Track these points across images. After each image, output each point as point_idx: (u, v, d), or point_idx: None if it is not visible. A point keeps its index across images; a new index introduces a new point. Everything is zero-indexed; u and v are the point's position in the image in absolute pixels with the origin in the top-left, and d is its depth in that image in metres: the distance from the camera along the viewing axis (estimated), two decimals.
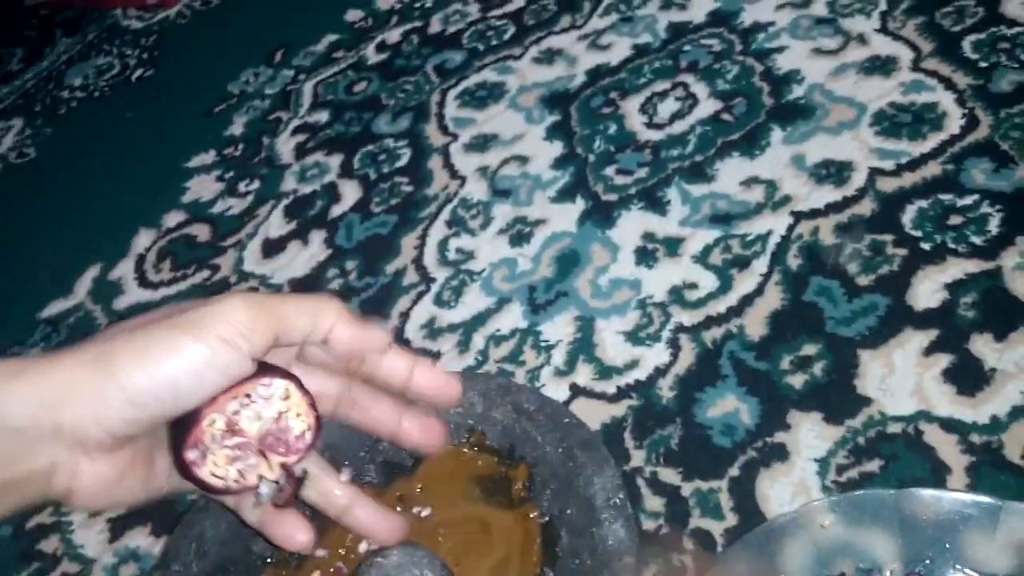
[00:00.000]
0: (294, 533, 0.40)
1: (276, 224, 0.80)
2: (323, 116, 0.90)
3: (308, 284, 0.73)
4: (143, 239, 0.84)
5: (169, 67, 1.09)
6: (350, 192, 0.80)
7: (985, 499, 0.45)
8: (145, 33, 1.16)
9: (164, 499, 0.38)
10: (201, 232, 0.82)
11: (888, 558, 0.45)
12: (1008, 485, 0.48)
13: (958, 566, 0.44)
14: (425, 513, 0.52)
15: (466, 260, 0.71)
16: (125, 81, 1.09)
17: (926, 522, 0.45)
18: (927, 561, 0.45)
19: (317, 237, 0.77)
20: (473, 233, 0.72)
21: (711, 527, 0.51)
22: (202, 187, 0.87)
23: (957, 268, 0.57)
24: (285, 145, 0.88)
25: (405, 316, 0.68)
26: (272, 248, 0.78)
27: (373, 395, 0.42)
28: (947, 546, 0.45)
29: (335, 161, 0.83)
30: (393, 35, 0.96)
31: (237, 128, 0.93)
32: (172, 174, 0.89)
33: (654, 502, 0.53)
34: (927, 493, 0.45)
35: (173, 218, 0.85)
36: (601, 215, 0.70)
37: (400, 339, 0.67)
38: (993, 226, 0.59)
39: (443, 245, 0.72)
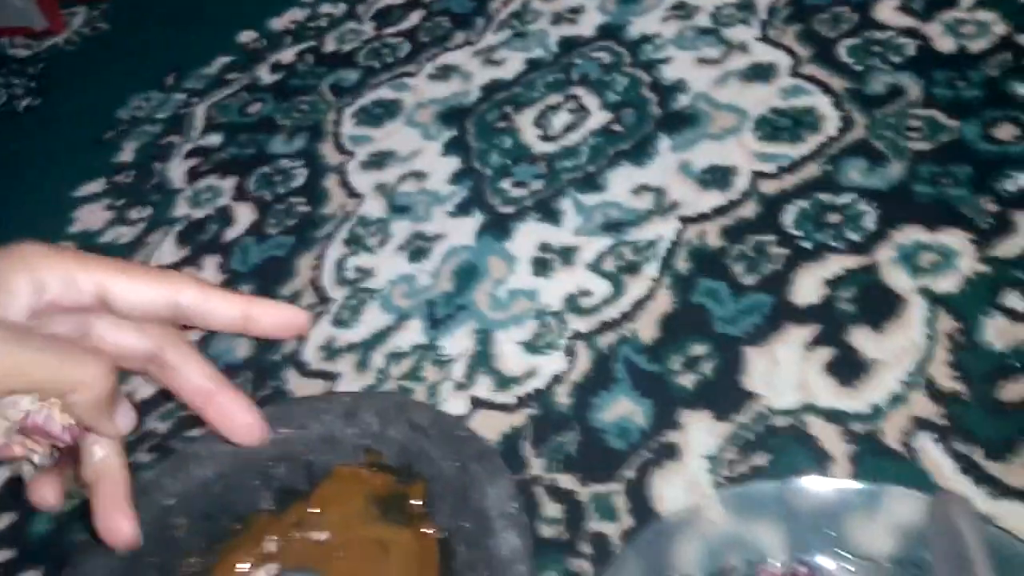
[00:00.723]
0: (119, 524, 0.37)
1: (168, 251, 0.78)
2: (216, 139, 0.88)
3: None
4: None
5: (58, 95, 1.06)
6: (245, 215, 0.79)
7: (865, 485, 0.46)
8: (32, 61, 1.12)
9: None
10: None
11: (775, 548, 0.47)
12: (888, 470, 0.50)
13: (842, 552, 0.46)
14: (322, 537, 0.52)
15: (364, 278, 0.70)
16: (11, 113, 1.05)
17: (810, 511, 0.46)
18: (812, 549, 0.46)
19: (211, 262, 0.76)
20: (371, 251, 0.72)
21: (608, 530, 0.51)
22: (91, 216, 0.84)
23: (836, 264, 0.59)
24: (177, 170, 0.86)
25: (302, 338, 0.67)
26: None
27: (185, 358, 0.38)
28: (831, 533, 0.46)
29: (229, 184, 0.82)
30: (287, 55, 0.95)
31: (127, 155, 0.91)
32: (59, 204, 0.86)
33: (552, 508, 0.53)
34: (810, 482, 0.47)
35: None
36: (498, 228, 0.71)
37: (297, 362, 0.66)
38: (869, 222, 0.61)
39: (341, 264, 0.72)
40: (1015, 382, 0.51)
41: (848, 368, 0.54)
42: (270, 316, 0.38)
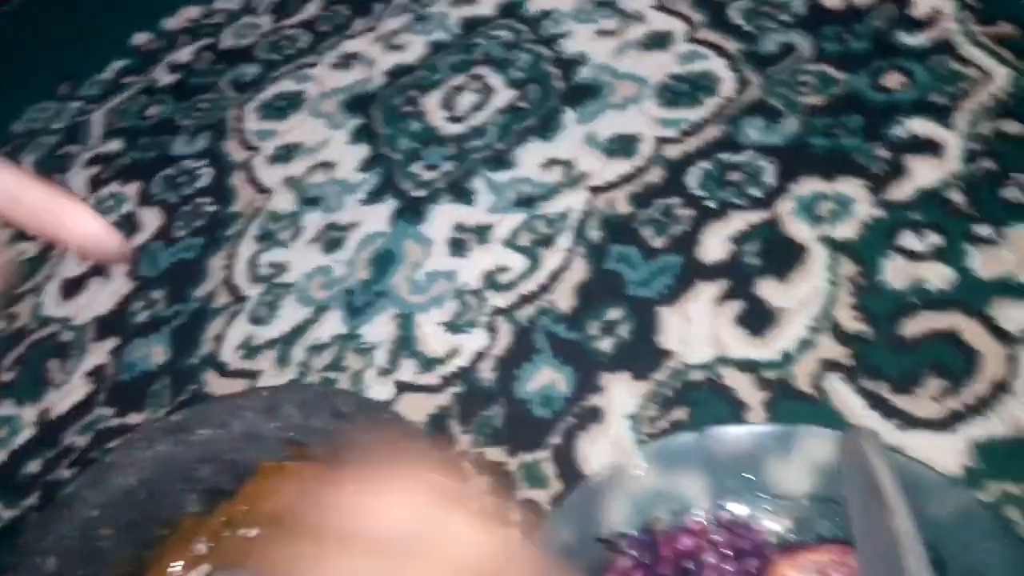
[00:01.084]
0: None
1: (73, 263, 0.76)
2: (116, 145, 0.86)
3: (114, 321, 0.70)
4: None
5: None
6: (151, 219, 0.77)
7: (779, 427, 0.48)
8: None
9: None
10: None
11: (698, 497, 0.48)
12: (802, 413, 0.51)
13: (762, 494, 0.47)
14: (253, 534, 0.51)
15: (279, 273, 0.69)
16: None
17: (729, 458, 0.48)
18: (733, 494, 0.47)
19: (119, 270, 0.74)
20: (284, 245, 0.71)
21: (538, 496, 0.52)
22: None
23: (740, 221, 0.61)
24: (78, 179, 0.84)
25: (219, 339, 0.66)
26: (71, 288, 0.74)
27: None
28: (751, 477, 0.47)
29: (132, 189, 0.80)
30: (184, 54, 0.93)
31: (26, 168, 0.87)
32: None
33: (482, 481, 0.54)
34: (726, 430, 0.48)
35: None
36: (412, 212, 0.71)
37: (215, 363, 0.65)
38: (769, 178, 0.63)
39: (254, 261, 0.71)
40: (915, 318, 0.53)
41: (757, 319, 0.56)
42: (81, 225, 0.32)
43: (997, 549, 0.42)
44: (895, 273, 0.55)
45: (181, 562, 0.51)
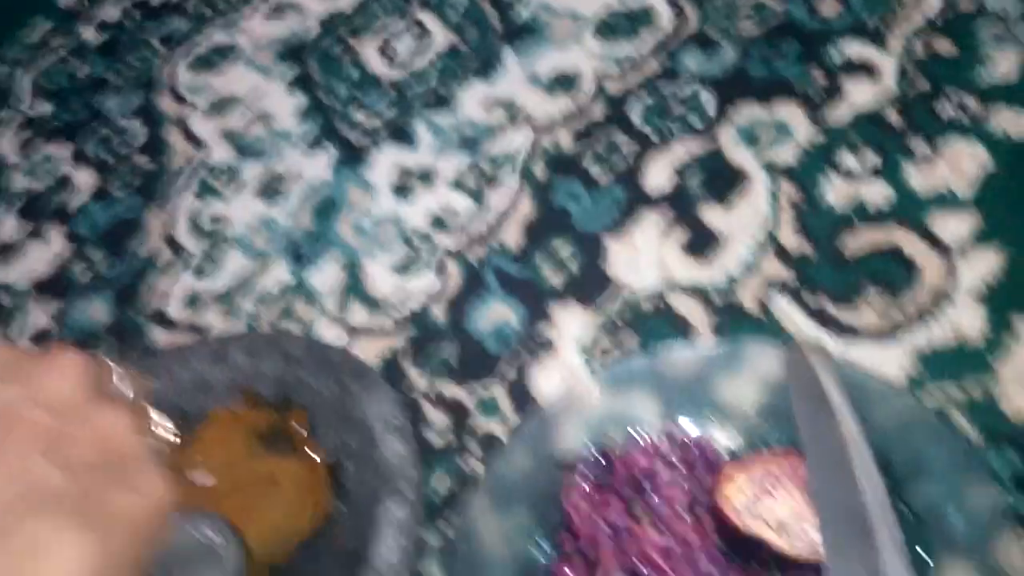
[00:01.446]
0: None
1: (9, 228, 0.74)
2: (47, 107, 0.83)
3: (54, 283, 0.68)
4: None
5: None
6: (86, 180, 0.75)
7: (726, 345, 0.49)
8: None
9: None
10: None
11: (650, 418, 0.49)
12: (749, 332, 0.52)
13: (712, 411, 0.48)
14: (208, 482, 0.51)
15: (221, 227, 0.68)
16: None
17: (679, 378, 0.49)
18: (684, 413, 0.48)
19: (57, 233, 0.72)
20: (225, 199, 0.70)
21: (494, 427, 0.52)
22: None
23: (683, 151, 0.61)
24: (8, 144, 0.81)
25: (164, 296, 0.65)
26: (8, 254, 0.72)
27: None
28: (701, 395, 0.48)
29: (66, 151, 0.78)
30: (112, 13, 0.90)
31: None
32: None
33: (439, 417, 0.54)
34: (675, 351, 0.49)
35: None
36: (354, 158, 0.69)
37: (162, 319, 0.64)
38: (709, 108, 0.63)
39: (195, 216, 0.69)
40: (854, 235, 0.54)
41: (703, 245, 0.56)
42: None
43: (940, 451, 0.43)
44: (835, 193, 0.56)
45: None
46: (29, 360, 0.30)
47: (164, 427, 0.33)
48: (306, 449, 0.50)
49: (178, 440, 0.38)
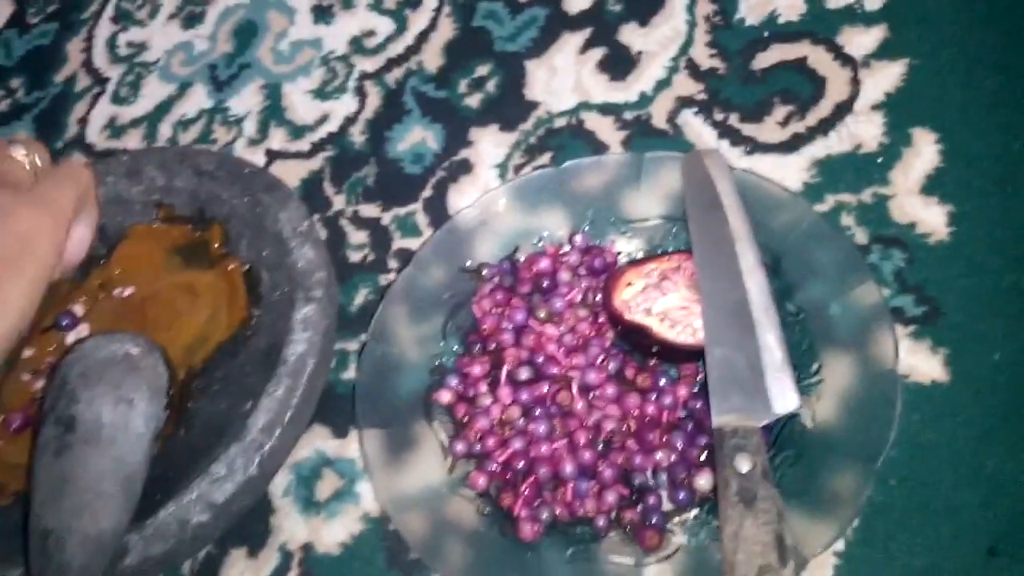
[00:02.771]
0: None
1: None
2: None
3: None
4: None
5: None
6: (2, 8, 0.73)
7: (630, 155, 0.50)
8: None
9: None
10: None
11: (557, 229, 0.50)
12: (658, 148, 0.53)
13: (615, 220, 0.50)
14: (127, 292, 0.52)
15: (139, 53, 0.67)
16: None
17: (584, 188, 0.50)
18: (589, 220, 0.50)
19: None
20: (142, 24, 0.68)
21: (411, 244, 0.54)
22: None
23: None
24: None
25: (84, 121, 0.64)
26: None
27: None
28: (605, 205, 0.50)
29: None
30: None
31: None
32: None
33: (358, 236, 0.55)
34: (582, 163, 0.50)
35: None
36: None
37: (82, 145, 0.63)
38: None
39: (112, 42, 0.68)
40: (766, 51, 0.54)
41: (618, 64, 0.57)
42: None
43: (829, 252, 0.45)
44: (749, 9, 0.56)
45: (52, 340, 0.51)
46: None
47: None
48: (223, 262, 0.51)
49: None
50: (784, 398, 0.40)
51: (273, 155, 0.60)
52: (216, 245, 0.52)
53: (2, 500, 0.47)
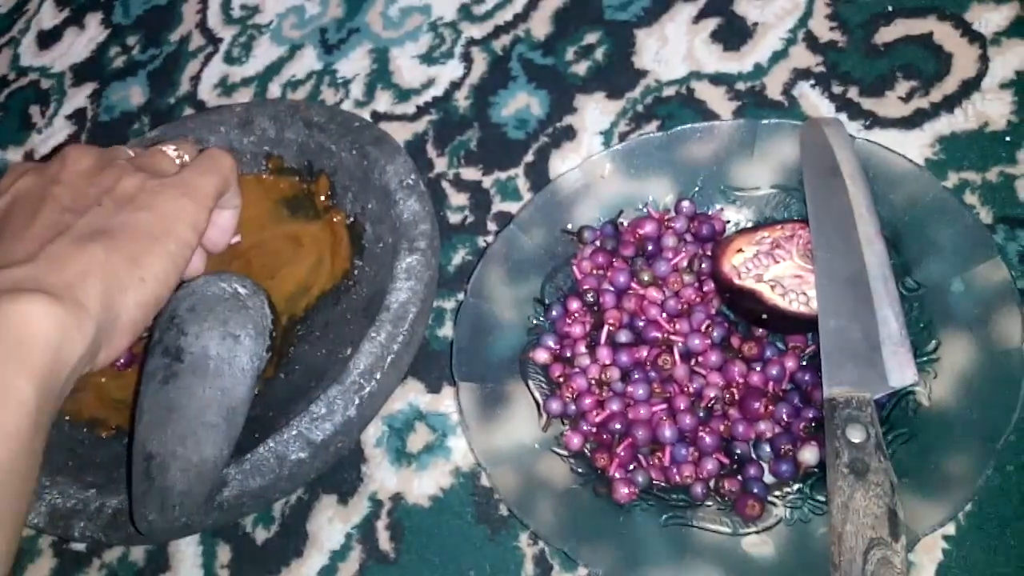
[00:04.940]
0: None
1: (48, 15, 0.75)
2: None
3: (89, 67, 0.70)
4: None
5: None
6: None
7: (743, 122, 0.48)
8: None
9: None
10: None
11: (663, 196, 0.49)
12: (770, 119, 0.51)
13: (725, 188, 0.48)
14: (234, 240, 0.53)
15: (252, 15, 0.68)
16: None
17: (693, 155, 0.49)
18: (698, 187, 0.49)
19: (93, 19, 0.73)
20: None
21: (511, 208, 0.53)
22: None
23: None
24: None
25: (196, 79, 0.66)
26: (47, 39, 0.73)
27: None
28: (715, 172, 0.48)
29: None
30: None
31: None
32: None
33: (459, 198, 0.55)
34: (690, 128, 0.49)
35: None
36: None
37: (194, 101, 0.65)
38: None
39: (226, 4, 0.69)
40: (890, 25, 0.52)
41: (733, 34, 0.55)
42: None
43: (951, 229, 0.43)
44: None
45: None
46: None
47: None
48: (328, 214, 0.52)
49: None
50: (901, 372, 0.38)
51: (378, 117, 0.60)
52: (322, 197, 0.52)
53: (104, 433, 0.48)
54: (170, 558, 0.47)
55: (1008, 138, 0.47)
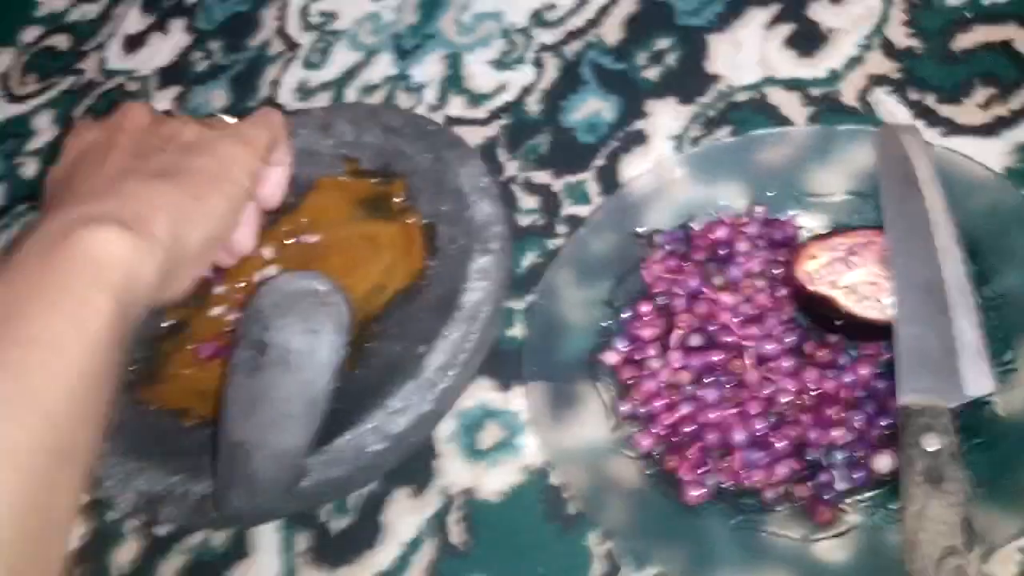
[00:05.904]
0: None
1: (135, 21, 0.78)
2: None
3: (174, 70, 0.72)
4: (3, 58, 0.81)
5: None
6: None
7: (818, 128, 0.48)
8: None
9: None
10: (60, 42, 0.80)
11: (736, 201, 0.49)
12: (845, 125, 0.51)
13: (798, 194, 0.48)
14: (313, 240, 0.55)
15: (329, 21, 0.70)
16: None
17: (767, 160, 0.49)
18: (771, 194, 0.49)
19: (177, 25, 0.75)
20: None
21: (581, 211, 0.54)
22: None
23: None
24: None
25: (276, 83, 0.68)
26: (134, 43, 0.76)
27: None
28: (788, 178, 0.49)
29: None
30: None
31: None
32: None
33: (529, 201, 0.56)
34: (764, 133, 0.49)
35: (30, 33, 0.82)
36: None
37: (273, 105, 0.67)
38: None
39: (305, 11, 0.72)
40: (967, 31, 0.52)
41: (807, 40, 0.55)
42: None
43: None
44: None
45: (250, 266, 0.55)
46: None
47: None
48: (404, 216, 0.53)
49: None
50: (978, 381, 0.38)
51: (451, 121, 0.61)
52: (398, 199, 0.54)
53: (189, 422, 0.50)
54: (250, 544, 0.49)
55: None
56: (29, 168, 0.73)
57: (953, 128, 0.49)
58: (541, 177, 0.57)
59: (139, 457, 0.46)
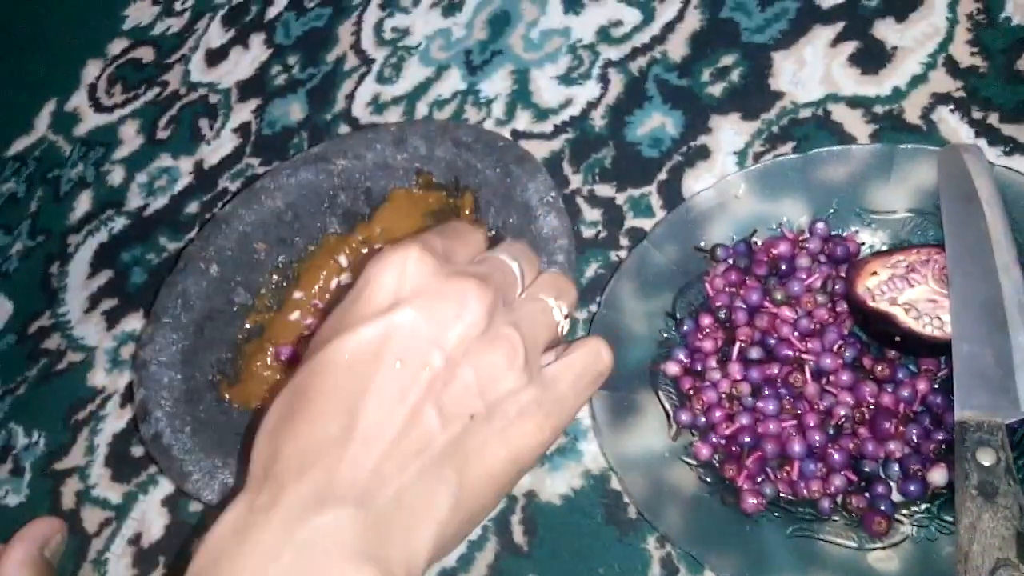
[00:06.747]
0: None
1: (216, 35, 0.82)
2: None
3: (254, 83, 0.76)
4: (91, 69, 0.86)
5: None
6: None
7: (880, 146, 0.49)
8: None
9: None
10: (146, 54, 0.84)
11: (797, 217, 0.50)
12: (909, 143, 0.52)
13: (860, 211, 0.49)
14: None
15: (402, 37, 0.73)
16: None
17: (829, 177, 0.50)
18: (832, 210, 0.50)
19: (257, 40, 0.79)
20: (406, 11, 0.74)
21: (643, 224, 0.56)
22: (140, 13, 0.88)
23: None
24: None
25: (351, 97, 0.71)
26: (215, 57, 0.80)
27: None
28: (850, 195, 0.49)
29: None
30: None
31: None
32: (109, 4, 0.89)
33: (593, 214, 0.58)
34: (827, 151, 0.50)
35: (117, 45, 0.86)
36: None
37: (348, 118, 0.70)
38: None
39: (379, 27, 0.74)
40: None
41: (871, 58, 0.56)
42: None
43: None
44: (1016, 8, 0.54)
45: (324, 270, 0.58)
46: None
47: None
48: (472, 225, 0.55)
49: None
50: None
51: (518, 135, 0.64)
52: (467, 212, 0.56)
53: None
54: None
55: None
56: (116, 176, 0.77)
57: (1016, 147, 0.50)
58: (605, 190, 0.59)
59: (223, 454, 0.49)
